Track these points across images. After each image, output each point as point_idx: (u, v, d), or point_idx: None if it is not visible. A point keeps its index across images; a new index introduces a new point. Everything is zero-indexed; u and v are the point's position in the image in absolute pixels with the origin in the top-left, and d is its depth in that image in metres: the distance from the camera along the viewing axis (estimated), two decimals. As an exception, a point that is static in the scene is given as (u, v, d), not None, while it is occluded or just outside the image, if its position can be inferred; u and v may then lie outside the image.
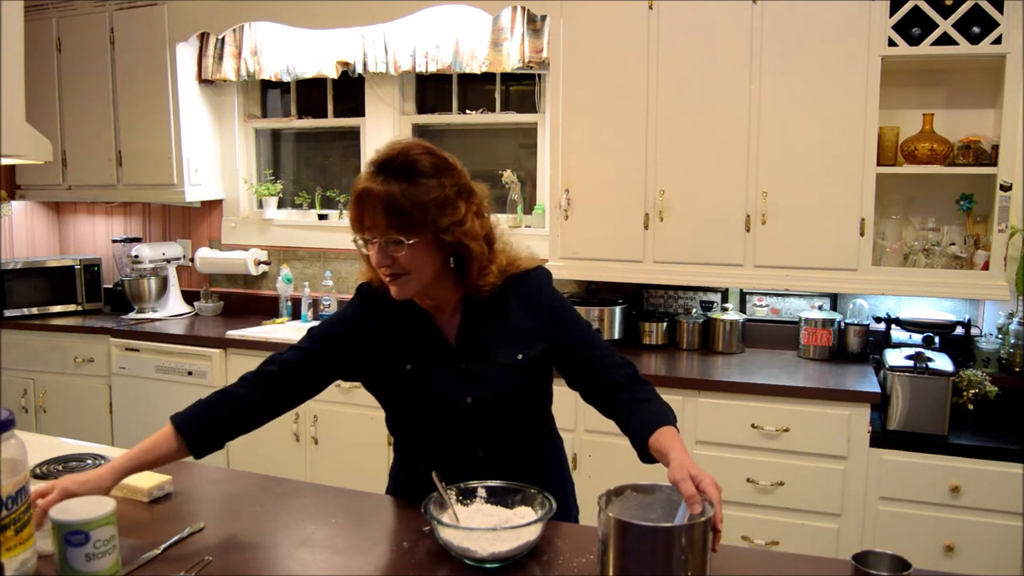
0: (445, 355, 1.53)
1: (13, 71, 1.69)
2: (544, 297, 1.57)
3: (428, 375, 1.52)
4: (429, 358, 1.53)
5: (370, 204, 1.39)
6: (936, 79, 2.97)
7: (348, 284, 4.05)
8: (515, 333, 1.54)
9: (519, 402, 1.56)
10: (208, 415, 1.53)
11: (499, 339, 1.53)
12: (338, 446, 3.42)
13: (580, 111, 3.15)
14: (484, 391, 1.51)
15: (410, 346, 1.54)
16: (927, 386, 2.57)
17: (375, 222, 1.40)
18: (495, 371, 1.52)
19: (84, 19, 4.05)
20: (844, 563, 1.24)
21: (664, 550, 1.12)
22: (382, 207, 1.39)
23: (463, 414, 1.51)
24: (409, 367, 1.53)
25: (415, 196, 1.39)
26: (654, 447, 1.41)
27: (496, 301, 1.53)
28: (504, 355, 1.53)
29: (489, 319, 1.54)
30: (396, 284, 1.45)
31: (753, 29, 2.89)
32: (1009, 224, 2.71)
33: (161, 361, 3.70)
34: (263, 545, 1.41)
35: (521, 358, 1.53)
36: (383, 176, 1.40)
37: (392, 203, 1.38)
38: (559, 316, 1.57)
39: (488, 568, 1.29)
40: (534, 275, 1.58)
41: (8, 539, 1.16)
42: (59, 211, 4.73)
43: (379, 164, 1.42)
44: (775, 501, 2.74)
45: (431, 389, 1.52)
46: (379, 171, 1.41)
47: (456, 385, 1.51)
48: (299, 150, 4.35)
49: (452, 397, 1.51)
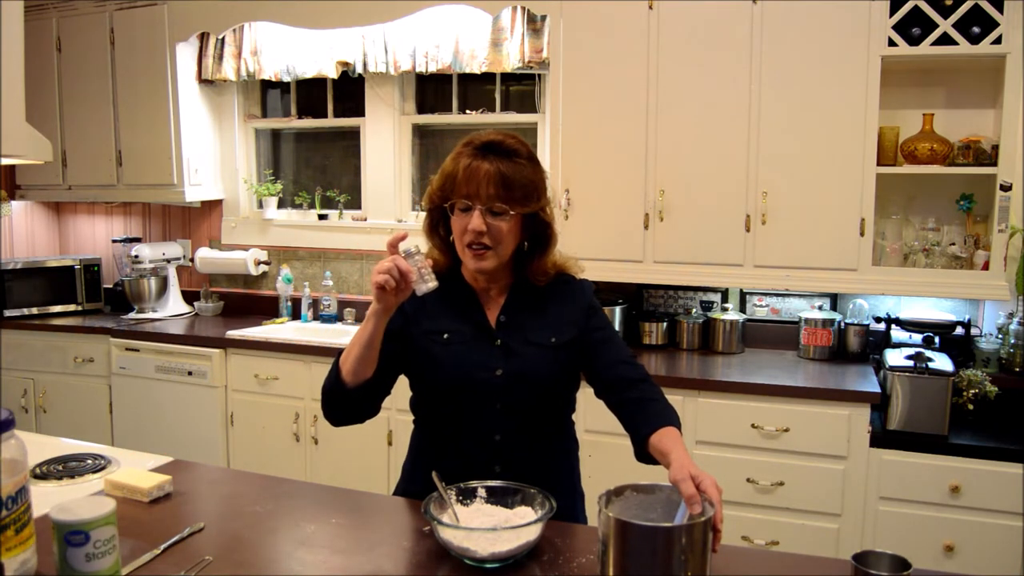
0: (483, 331, 1.60)
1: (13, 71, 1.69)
2: (586, 296, 1.68)
3: (463, 346, 1.59)
4: (468, 332, 1.60)
5: (483, 172, 1.50)
6: (936, 79, 2.97)
7: (348, 284, 4.05)
8: (552, 321, 1.63)
9: (546, 384, 1.60)
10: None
11: (536, 324, 1.62)
12: (338, 446, 3.42)
13: (580, 111, 3.15)
14: (515, 366, 1.57)
15: (452, 319, 1.61)
16: (927, 386, 2.57)
17: (483, 189, 1.50)
18: (528, 348, 1.59)
19: (84, 19, 4.05)
20: (844, 563, 1.24)
21: (664, 550, 1.12)
22: (494, 176, 1.50)
23: (491, 386, 1.56)
24: (446, 336, 1.59)
25: (521, 173, 1.53)
26: (655, 446, 1.44)
27: (541, 294, 1.64)
28: (539, 336, 1.60)
29: (531, 308, 1.63)
30: (479, 255, 1.54)
31: (753, 29, 2.89)
32: (1009, 224, 2.71)
33: (161, 361, 3.70)
34: (263, 545, 1.41)
35: (554, 341, 1.60)
36: (491, 155, 1.52)
37: (503, 174, 1.50)
38: (596, 312, 1.67)
39: (488, 568, 1.29)
40: (581, 282, 1.71)
41: (8, 539, 1.16)
42: (59, 211, 4.73)
43: (482, 146, 1.53)
44: (775, 501, 2.74)
45: (464, 359, 1.57)
46: (483, 151, 1.52)
47: (488, 358, 1.57)
48: (299, 150, 4.35)
49: (483, 368, 1.56)
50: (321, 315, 3.93)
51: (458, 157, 1.54)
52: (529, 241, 1.60)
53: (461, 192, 1.52)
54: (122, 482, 1.58)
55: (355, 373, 1.49)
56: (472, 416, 1.58)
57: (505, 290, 1.64)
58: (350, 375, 1.49)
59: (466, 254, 1.55)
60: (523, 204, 1.54)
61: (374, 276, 1.40)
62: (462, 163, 1.52)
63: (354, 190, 4.11)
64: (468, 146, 1.55)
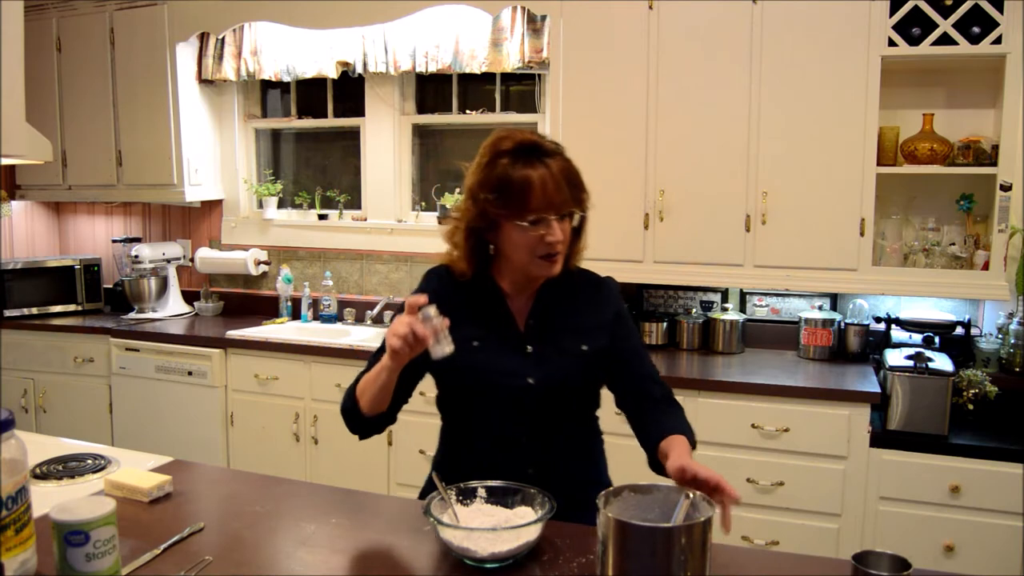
0: (513, 337, 1.58)
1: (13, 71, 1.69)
2: (614, 300, 1.66)
3: (494, 353, 1.56)
4: (497, 338, 1.58)
5: (550, 180, 1.46)
6: (936, 79, 2.97)
7: (348, 284, 4.06)
8: (582, 326, 1.60)
9: (577, 392, 1.60)
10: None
11: (566, 329, 1.59)
12: (338, 446, 3.42)
13: (580, 111, 3.15)
14: (547, 375, 1.55)
15: (480, 326, 1.58)
16: (927, 386, 2.57)
17: (556, 197, 1.47)
18: (560, 357, 1.57)
19: (84, 19, 4.05)
20: (844, 563, 1.24)
21: (664, 550, 1.12)
22: (564, 179, 1.47)
23: (523, 395, 1.54)
24: (476, 344, 1.56)
25: (573, 169, 1.51)
26: (661, 451, 1.46)
27: (569, 294, 1.61)
28: (570, 344, 1.58)
29: (559, 310, 1.60)
30: (555, 261, 1.51)
31: (753, 29, 2.89)
32: (1009, 224, 2.71)
33: (161, 361, 3.70)
34: (263, 545, 1.41)
35: (586, 349, 1.58)
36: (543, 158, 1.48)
37: (570, 175, 1.49)
38: (624, 320, 1.66)
39: (488, 568, 1.29)
40: (607, 281, 1.68)
41: (8, 539, 1.16)
42: (59, 211, 4.73)
43: (524, 149, 1.48)
44: (775, 501, 2.74)
45: (495, 367, 1.55)
46: (529, 155, 1.48)
47: (520, 366, 1.55)
48: (299, 150, 4.35)
49: (515, 377, 1.54)
50: (321, 315, 3.93)
51: (504, 167, 1.48)
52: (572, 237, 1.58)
53: (534, 205, 1.46)
54: (122, 482, 1.58)
55: (372, 407, 1.51)
56: (502, 422, 1.57)
57: (533, 291, 1.61)
58: (368, 407, 1.52)
59: (534, 264, 1.51)
60: (584, 201, 1.53)
61: (390, 338, 1.37)
62: (517, 172, 1.46)
63: (354, 190, 4.11)
64: (507, 153, 1.49)
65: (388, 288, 3.96)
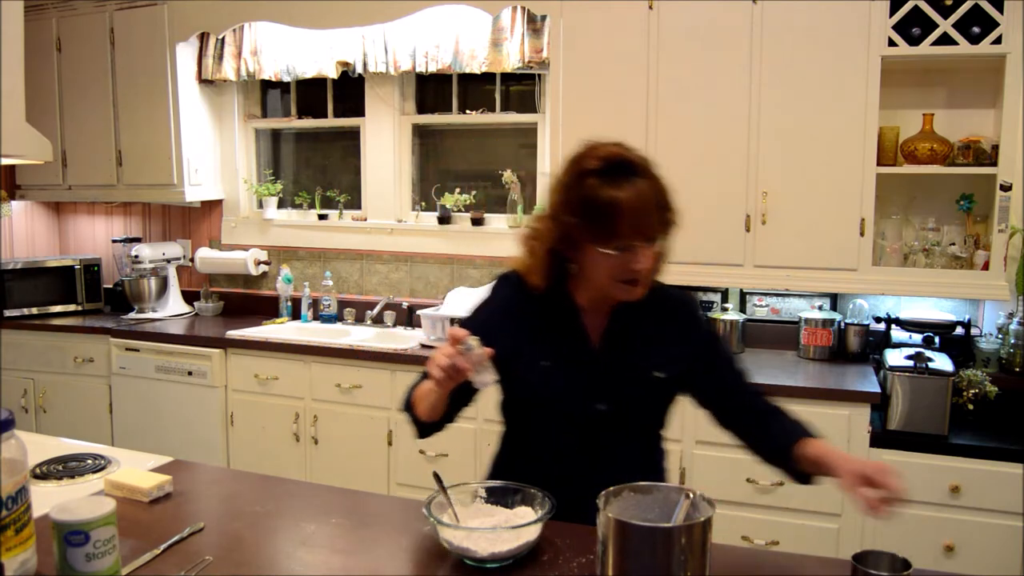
0: (585, 358, 1.51)
1: (13, 71, 1.69)
2: (697, 321, 1.59)
3: (564, 376, 1.50)
4: (568, 359, 1.50)
5: (643, 204, 1.38)
6: (936, 79, 2.97)
7: (348, 284, 4.06)
8: (659, 350, 1.53)
9: (647, 419, 1.55)
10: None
11: (642, 351, 1.52)
12: (338, 446, 3.42)
13: (580, 111, 3.15)
14: (617, 402, 1.49)
15: (551, 342, 1.51)
16: (927, 386, 2.57)
17: (648, 227, 1.40)
18: (632, 385, 1.50)
19: (84, 19, 4.05)
20: (844, 563, 1.24)
21: (663, 550, 1.12)
22: (655, 204, 1.40)
23: (591, 421, 1.49)
24: (546, 364, 1.50)
25: (665, 190, 1.43)
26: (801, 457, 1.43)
27: (648, 313, 1.52)
28: (645, 369, 1.51)
29: (637, 329, 1.52)
30: (638, 285, 1.43)
31: (753, 29, 2.89)
32: (1009, 224, 2.71)
33: (161, 361, 3.70)
34: (263, 545, 1.41)
35: (661, 376, 1.52)
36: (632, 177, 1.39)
37: (660, 197, 1.41)
38: (712, 343, 1.60)
39: (488, 568, 1.29)
40: (688, 300, 1.61)
41: (8, 539, 1.16)
42: (59, 211, 4.73)
43: (617, 166, 1.40)
44: (775, 501, 2.74)
45: (565, 392, 1.49)
46: (622, 172, 1.39)
47: (590, 391, 1.49)
48: (299, 150, 4.35)
49: (584, 403, 1.49)
50: (321, 315, 3.93)
51: (591, 189, 1.38)
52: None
53: (622, 231, 1.37)
54: (122, 482, 1.58)
55: (428, 416, 1.50)
56: (566, 442, 1.51)
57: (610, 308, 1.52)
58: (423, 415, 1.50)
59: (616, 288, 1.43)
60: (671, 227, 1.45)
61: (431, 368, 1.35)
62: (604, 194, 1.37)
63: (354, 190, 4.11)
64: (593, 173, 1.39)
65: (388, 288, 3.96)
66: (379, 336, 3.64)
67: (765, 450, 1.52)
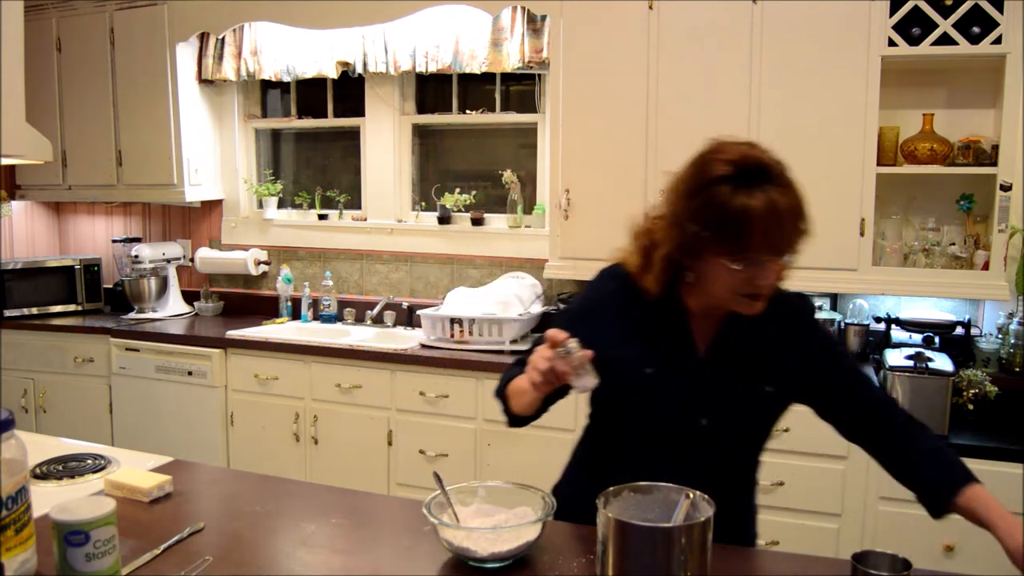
0: (691, 366, 1.42)
1: (13, 71, 1.69)
2: (817, 334, 1.50)
3: (668, 386, 1.41)
4: (673, 367, 1.42)
5: (778, 218, 1.26)
6: (936, 79, 2.97)
7: (348, 284, 4.05)
8: (771, 362, 1.44)
9: (751, 435, 1.48)
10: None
11: (753, 363, 1.43)
12: (338, 446, 3.42)
13: (580, 111, 3.15)
14: (722, 416, 1.41)
15: (655, 347, 1.43)
16: (927, 386, 2.56)
17: (785, 237, 1.29)
18: (739, 399, 1.42)
19: (84, 19, 4.05)
20: (844, 563, 1.24)
21: (663, 550, 1.12)
22: (790, 219, 1.28)
23: (692, 435, 1.42)
24: (649, 371, 1.42)
25: (803, 202, 1.31)
26: (962, 506, 1.35)
27: (761, 320, 1.39)
28: (753, 382, 1.42)
29: (749, 338, 1.43)
30: (760, 300, 1.34)
31: (753, 29, 2.89)
32: (1009, 224, 2.71)
33: (161, 361, 3.70)
34: (263, 545, 1.41)
35: (770, 391, 1.43)
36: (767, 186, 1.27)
37: (797, 212, 1.29)
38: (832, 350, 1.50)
39: (488, 568, 1.29)
40: (806, 307, 1.52)
41: (8, 539, 1.16)
42: (59, 211, 4.73)
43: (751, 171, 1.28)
44: (775, 501, 2.74)
45: (667, 402, 1.41)
46: (756, 179, 1.27)
47: (693, 404, 1.41)
48: (299, 150, 4.35)
49: (687, 415, 1.41)
50: (321, 315, 3.93)
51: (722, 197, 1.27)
52: None
53: (751, 245, 1.26)
54: (122, 482, 1.58)
55: (521, 411, 1.44)
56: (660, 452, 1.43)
57: (721, 315, 1.42)
58: (517, 410, 1.45)
59: (735, 301, 1.33)
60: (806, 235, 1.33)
61: (529, 371, 1.29)
62: (736, 203, 1.25)
63: (354, 190, 4.11)
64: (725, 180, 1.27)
65: (388, 288, 3.96)
66: (379, 336, 3.64)
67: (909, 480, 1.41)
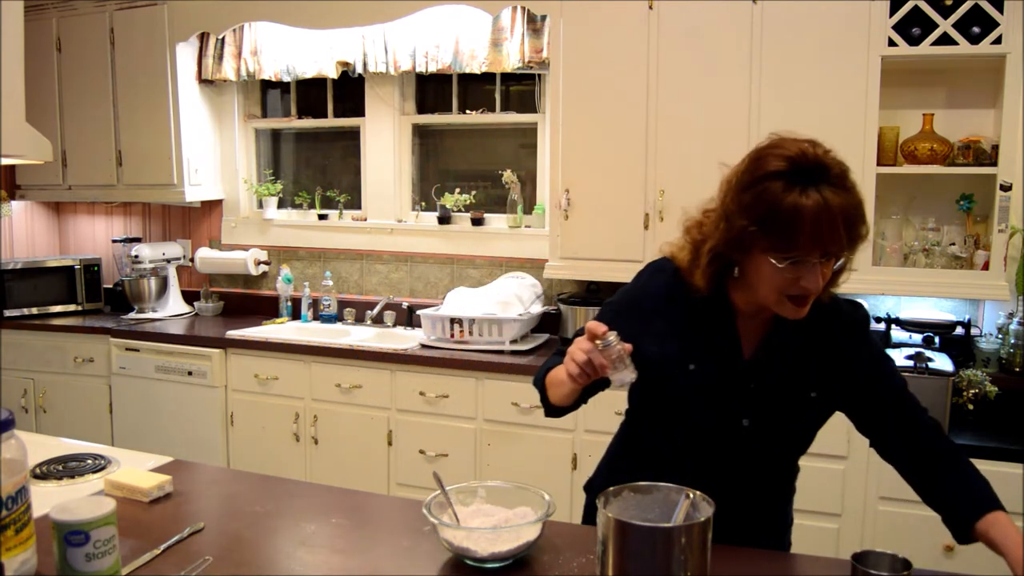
0: (734, 367, 1.40)
1: (13, 71, 1.69)
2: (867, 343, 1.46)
3: (711, 384, 1.40)
4: (717, 365, 1.40)
5: (831, 218, 1.22)
6: (936, 79, 2.97)
7: (348, 284, 4.06)
8: (818, 367, 1.41)
9: (796, 440, 1.46)
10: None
11: (798, 367, 1.40)
12: (338, 446, 3.42)
13: (580, 111, 3.15)
14: (764, 419, 1.39)
15: (700, 345, 1.41)
16: (927, 386, 2.56)
17: (833, 243, 1.24)
18: (782, 403, 1.40)
19: (84, 19, 4.05)
20: (844, 563, 1.24)
21: (664, 550, 1.12)
22: (843, 220, 1.23)
23: (733, 436, 1.40)
24: (692, 367, 1.40)
25: (861, 206, 1.27)
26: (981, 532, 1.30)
27: (811, 324, 1.38)
28: (798, 387, 1.40)
29: (797, 342, 1.40)
30: (805, 304, 1.31)
31: (753, 29, 2.89)
32: (1009, 224, 2.71)
33: (161, 361, 3.70)
34: (263, 545, 1.41)
35: (814, 396, 1.40)
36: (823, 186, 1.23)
37: (851, 214, 1.24)
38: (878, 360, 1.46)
39: (488, 568, 1.29)
40: (858, 315, 1.48)
41: (8, 539, 1.16)
42: (59, 211, 4.73)
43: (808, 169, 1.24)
44: (775, 501, 2.73)
45: (709, 401, 1.40)
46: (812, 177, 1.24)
47: (736, 405, 1.39)
48: (299, 150, 4.35)
49: (728, 416, 1.39)
50: (321, 315, 3.93)
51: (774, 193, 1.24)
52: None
53: (800, 243, 1.23)
54: (122, 482, 1.58)
55: (559, 402, 1.41)
56: (699, 453, 1.42)
57: (770, 315, 1.39)
58: (554, 400, 1.42)
59: (779, 303, 1.30)
60: (859, 243, 1.29)
61: (567, 363, 1.28)
62: (788, 200, 1.22)
63: (354, 190, 4.11)
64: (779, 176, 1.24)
65: (388, 288, 3.96)
66: (379, 336, 3.64)
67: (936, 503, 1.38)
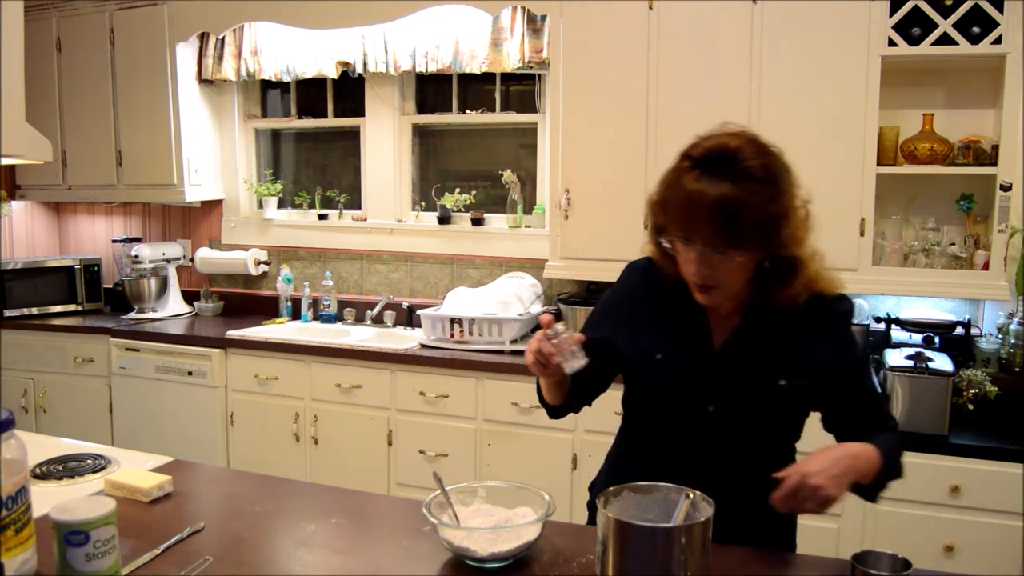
0: (702, 358, 1.43)
1: (13, 71, 1.69)
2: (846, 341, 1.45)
3: (677, 371, 1.44)
4: (684, 356, 1.44)
5: (702, 206, 1.25)
6: (936, 79, 2.97)
7: (348, 284, 4.06)
8: (792, 358, 1.40)
9: (765, 429, 1.44)
10: None
11: (770, 356, 1.40)
12: (338, 446, 3.42)
13: (580, 111, 3.15)
14: (730, 405, 1.41)
15: (670, 336, 1.45)
16: (927, 386, 2.56)
17: (701, 229, 1.27)
18: (748, 387, 1.40)
19: (84, 19, 4.05)
20: (844, 563, 1.24)
21: (664, 550, 1.12)
22: (715, 213, 1.25)
23: (700, 423, 1.42)
24: (659, 357, 1.44)
25: (754, 204, 1.25)
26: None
27: (791, 318, 1.39)
28: (766, 375, 1.40)
29: (766, 334, 1.41)
30: (705, 294, 1.36)
31: (753, 29, 2.89)
32: (1009, 224, 2.71)
33: (161, 361, 3.70)
34: (263, 545, 1.41)
35: (783, 384, 1.40)
36: (717, 174, 1.26)
37: (727, 209, 1.24)
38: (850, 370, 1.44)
39: (488, 568, 1.29)
40: (842, 311, 1.45)
41: (8, 539, 1.16)
42: (59, 211, 4.73)
43: (708, 158, 1.28)
44: (775, 501, 2.73)
45: (675, 387, 1.44)
46: (708, 166, 1.27)
47: (701, 390, 1.42)
48: (299, 150, 4.35)
49: (693, 401, 1.42)
50: (321, 315, 3.93)
51: (680, 173, 1.30)
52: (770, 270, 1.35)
53: (678, 225, 1.30)
54: (122, 482, 1.58)
55: (551, 399, 1.51)
56: (679, 446, 1.45)
57: (741, 308, 1.41)
58: (547, 398, 1.51)
59: (694, 290, 1.36)
60: (755, 246, 1.28)
61: (526, 355, 1.37)
62: (686, 185, 1.27)
63: (354, 190, 4.11)
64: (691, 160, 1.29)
65: (388, 288, 3.96)
66: (379, 336, 3.64)
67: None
